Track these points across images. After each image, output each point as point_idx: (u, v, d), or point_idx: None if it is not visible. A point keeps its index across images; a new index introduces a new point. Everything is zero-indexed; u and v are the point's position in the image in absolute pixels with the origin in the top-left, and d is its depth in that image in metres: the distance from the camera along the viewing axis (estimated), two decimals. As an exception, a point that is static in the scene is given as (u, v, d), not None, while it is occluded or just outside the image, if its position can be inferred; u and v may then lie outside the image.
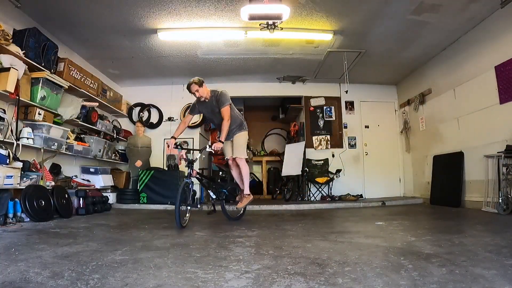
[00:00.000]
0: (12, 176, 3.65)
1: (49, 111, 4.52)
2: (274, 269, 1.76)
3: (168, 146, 3.60)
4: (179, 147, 3.66)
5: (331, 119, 7.53)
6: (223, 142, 3.57)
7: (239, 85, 7.51)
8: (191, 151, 3.66)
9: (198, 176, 3.76)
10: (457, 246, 2.23)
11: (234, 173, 4.09)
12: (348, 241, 2.59)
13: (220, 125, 3.75)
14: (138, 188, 6.19)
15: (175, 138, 3.69)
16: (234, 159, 3.94)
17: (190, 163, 3.53)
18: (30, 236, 2.83)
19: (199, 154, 3.56)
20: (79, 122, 5.32)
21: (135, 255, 2.12)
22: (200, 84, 3.68)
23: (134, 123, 7.25)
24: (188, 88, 3.69)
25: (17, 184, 3.74)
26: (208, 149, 3.58)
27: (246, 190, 3.96)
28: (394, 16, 4.60)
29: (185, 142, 7.25)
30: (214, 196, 3.93)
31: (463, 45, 5.21)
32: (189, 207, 3.51)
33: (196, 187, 6.72)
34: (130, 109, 7.36)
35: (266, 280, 1.57)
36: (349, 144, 7.48)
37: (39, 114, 4.31)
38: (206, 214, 3.51)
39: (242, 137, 3.94)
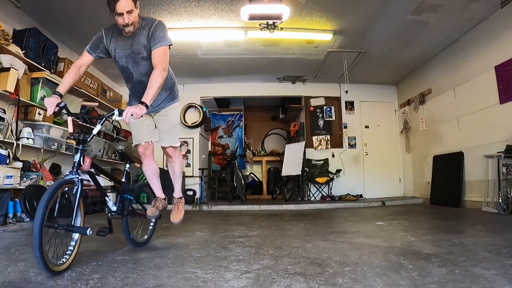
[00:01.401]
0: (12, 176, 3.65)
1: (49, 111, 4.51)
2: (274, 269, 1.76)
3: (47, 109, 1.93)
4: (63, 111, 1.98)
5: (331, 119, 7.53)
6: (147, 107, 1.94)
7: (239, 85, 7.51)
8: (92, 122, 2.24)
9: (93, 170, 2.20)
10: (457, 246, 2.23)
11: (148, 169, 2.52)
12: (348, 241, 2.59)
13: (141, 82, 2.21)
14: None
15: (61, 96, 1.98)
16: (146, 148, 2.43)
17: (79, 143, 1.92)
18: (30, 236, 2.83)
19: (99, 127, 2.00)
20: (79, 122, 5.31)
21: (135, 255, 2.13)
22: (135, 1, 2.11)
23: (134, 123, 7.23)
24: (114, 3, 2.03)
25: (17, 184, 3.74)
26: (116, 118, 1.92)
27: (178, 192, 2.63)
28: (394, 16, 4.60)
29: (185, 142, 7.25)
30: (114, 208, 2.31)
31: (463, 45, 5.21)
32: (76, 235, 1.90)
33: (197, 186, 6.74)
34: (130, 109, 7.34)
35: (266, 280, 1.57)
36: (349, 144, 7.47)
37: (39, 114, 4.31)
38: (98, 233, 2.12)
39: (176, 113, 2.53)
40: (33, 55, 4.23)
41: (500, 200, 4.10)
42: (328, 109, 7.55)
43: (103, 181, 5.71)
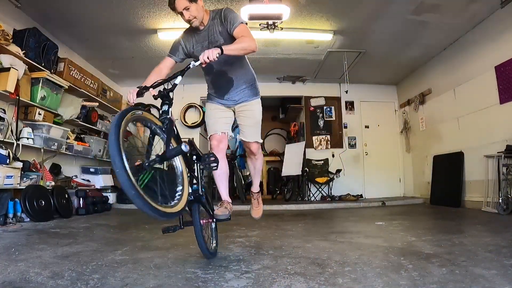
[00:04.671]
0: (12, 176, 3.65)
1: (49, 111, 4.52)
2: (274, 269, 1.76)
3: (129, 99, 1.96)
4: (144, 90, 1.95)
5: (331, 119, 7.53)
6: (222, 51, 1.91)
7: (239, 85, 7.50)
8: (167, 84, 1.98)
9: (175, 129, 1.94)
10: (457, 246, 2.23)
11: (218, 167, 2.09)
12: (348, 241, 2.59)
13: (221, 72, 2.31)
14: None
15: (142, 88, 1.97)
16: (221, 141, 2.36)
17: (163, 97, 1.89)
18: (30, 236, 2.83)
19: (180, 78, 1.93)
20: (79, 122, 5.32)
21: (135, 255, 2.12)
22: None
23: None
24: (172, 4, 2.11)
25: (17, 184, 3.74)
26: (194, 65, 1.94)
27: (257, 187, 2.72)
28: (394, 16, 4.60)
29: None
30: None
31: (463, 45, 5.21)
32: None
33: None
34: (130, 109, 7.35)
35: (266, 280, 1.57)
36: (349, 144, 7.47)
37: (39, 114, 4.31)
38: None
39: (260, 109, 2.46)
40: (33, 55, 4.23)
41: (500, 200, 4.10)
42: (328, 109, 7.55)
43: (103, 181, 5.73)
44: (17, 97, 3.92)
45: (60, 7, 4.30)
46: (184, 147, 1.68)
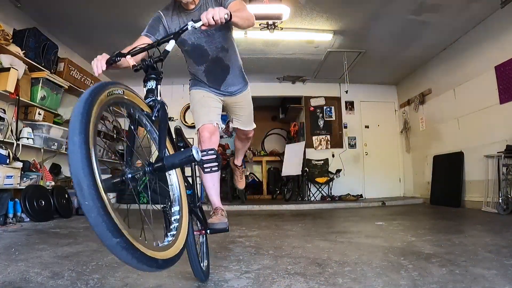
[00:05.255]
0: (12, 176, 3.65)
1: (49, 111, 4.52)
2: (274, 269, 1.76)
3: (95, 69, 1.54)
4: (117, 58, 1.57)
5: (331, 119, 7.53)
6: (231, 14, 1.48)
7: (239, 85, 7.50)
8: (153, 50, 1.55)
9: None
10: (457, 246, 2.23)
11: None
12: (348, 241, 2.59)
13: (218, 59, 2.00)
14: (138, 188, 6.18)
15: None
16: (213, 133, 1.97)
17: (148, 69, 1.46)
18: (30, 236, 2.83)
19: (173, 43, 1.53)
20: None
21: (135, 255, 2.12)
22: None
23: (134, 123, 7.22)
24: None
25: (17, 184, 3.74)
26: (193, 27, 1.46)
27: (241, 162, 2.72)
28: (394, 16, 4.60)
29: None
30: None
31: (463, 45, 5.21)
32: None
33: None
34: (130, 109, 7.35)
35: (266, 280, 1.57)
36: (349, 144, 7.47)
37: (39, 114, 4.31)
38: None
39: (250, 97, 2.36)
40: (33, 55, 4.23)
41: (500, 200, 4.10)
42: (328, 109, 7.55)
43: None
44: (17, 97, 3.92)
45: (60, 7, 4.30)
46: (196, 154, 1.15)
